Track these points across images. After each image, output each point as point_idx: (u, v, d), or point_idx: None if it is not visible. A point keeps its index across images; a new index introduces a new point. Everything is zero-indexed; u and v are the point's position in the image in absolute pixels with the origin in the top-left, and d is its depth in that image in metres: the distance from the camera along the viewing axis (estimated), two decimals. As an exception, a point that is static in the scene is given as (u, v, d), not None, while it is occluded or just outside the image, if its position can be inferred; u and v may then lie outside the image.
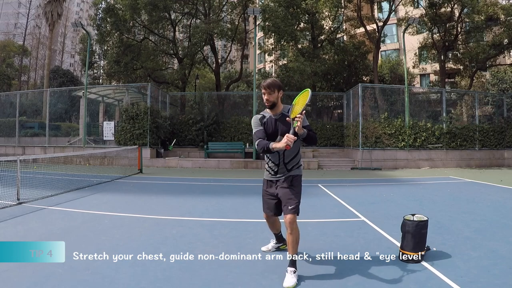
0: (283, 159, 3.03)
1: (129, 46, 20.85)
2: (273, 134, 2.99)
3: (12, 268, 3.07)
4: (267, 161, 3.13)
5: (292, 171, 3.06)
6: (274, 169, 3.07)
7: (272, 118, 3.03)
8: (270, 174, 3.13)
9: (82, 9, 63.70)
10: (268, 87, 2.97)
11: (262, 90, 3.02)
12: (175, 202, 6.77)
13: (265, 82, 2.99)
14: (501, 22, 19.04)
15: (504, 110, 16.84)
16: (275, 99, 3.00)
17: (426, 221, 3.42)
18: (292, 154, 3.04)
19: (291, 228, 2.90)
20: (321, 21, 21.53)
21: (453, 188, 8.81)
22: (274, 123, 3.00)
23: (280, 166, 3.04)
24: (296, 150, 3.06)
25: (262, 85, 2.99)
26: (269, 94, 2.98)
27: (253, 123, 3.09)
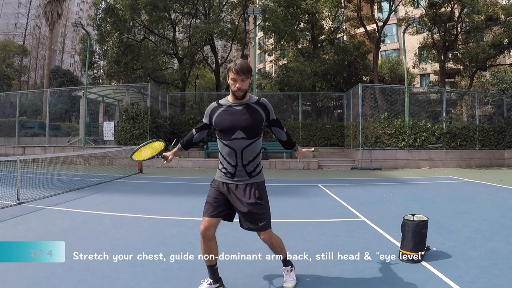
0: (241, 159, 2.45)
1: (129, 46, 20.86)
2: (228, 128, 2.41)
3: (12, 268, 3.07)
4: (221, 160, 2.57)
5: (254, 176, 2.51)
6: (231, 171, 2.50)
7: (232, 108, 2.43)
8: (225, 176, 2.54)
9: (82, 9, 63.72)
10: (242, 72, 2.31)
11: (231, 75, 2.34)
12: (175, 202, 6.77)
13: (237, 65, 2.32)
14: (501, 22, 19.04)
15: (504, 110, 16.84)
16: (248, 88, 2.40)
17: (426, 221, 3.41)
18: (252, 154, 2.47)
19: (271, 242, 2.62)
20: (321, 21, 21.54)
21: (453, 188, 8.81)
22: (232, 113, 2.41)
23: (238, 168, 2.47)
24: (257, 150, 2.50)
25: (233, 68, 2.32)
26: (242, 81, 2.34)
27: (205, 112, 2.61)
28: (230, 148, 2.45)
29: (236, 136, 2.41)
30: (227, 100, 2.49)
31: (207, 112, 2.56)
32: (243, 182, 2.49)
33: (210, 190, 2.62)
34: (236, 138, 2.41)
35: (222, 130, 2.44)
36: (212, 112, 2.52)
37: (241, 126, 2.39)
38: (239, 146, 2.42)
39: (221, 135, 2.48)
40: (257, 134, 2.46)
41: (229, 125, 2.40)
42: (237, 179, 2.50)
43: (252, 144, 2.45)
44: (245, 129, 2.39)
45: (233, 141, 2.42)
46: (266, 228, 2.53)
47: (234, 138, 2.41)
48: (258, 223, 2.49)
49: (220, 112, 2.46)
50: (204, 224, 2.50)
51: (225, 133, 2.43)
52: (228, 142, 2.44)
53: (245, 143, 2.42)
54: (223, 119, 2.43)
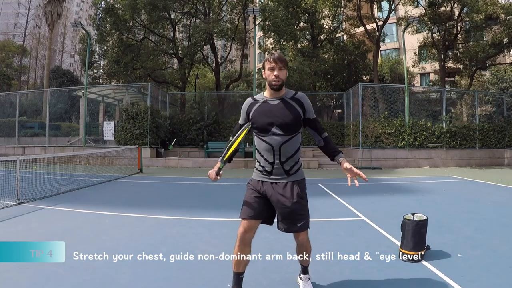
0: (279, 156, 2.34)
1: (129, 46, 20.85)
2: (265, 124, 2.34)
3: (12, 268, 3.07)
4: (258, 157, 2.45)
5: (293, 174, 2.40)
6: (268, 169, 2.39)
7: (267, 103, 2.37)
8: (262, 174, 2.43)
9: (81, 9, 63.67)
10: (280, 60, 2.30)
11: (267, 65, 2.32)
12: (175, 202, 6.78)
13: (274, 55, 2.31)
14: (500, 21, 19.03)
15: (504, 109, 16.83)
16: (285, 78, 2.36)
17: (425, 220, 3.42)
18: (290, 151, 2.37)
19: (305, 245, 2.55)
20: (321, 20, 21.54)
21: (453, 187, 8.81)
22: (269, 109, 2.35)
23: (275, 166, 2.36)
24: (296, 147, 2.39)
25: (270, 58, 2.31)
26: (280, 69, 2.31)
27: (242, 109, 2.49)
28: (268, 144, 2.35)
29: (273, 131, 2.33)
30: (263, 95, 2.45)
31: (244, 109, 2.47)
32: (282, 180, 2.38)
33: (247, 190, 2.49)
34: (274, 133, 2.33)
35: (259, 126, 2.36)
36: (249, 108, 2.43)
37: (277, 122, 2.32)
38: (277, 142, 2.32)
39: (258, 131, 2.39)
40: (295, 130, 2.37)
41: (266, 121, 2.33)
42: (274, 177, 2.39)
43: (290, 140, 2.35)
44: (282, 125, 2.32)
45: (270, 137, 2.34)
46: (305, 229, 2.44)
47: (272, 134, 2.33)
48: (297, 223, 2.39)
49: (257, 108, 2.39)
50: (243, 226, 2.40)
51: (262, 129, 2.36)
52: (266, 138, 2.36)
53: (282, 139, 2.33)
54: (260, 115, 2.36)
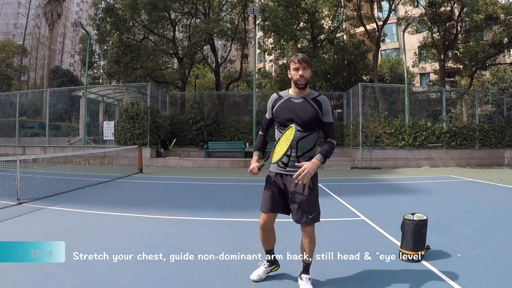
0: (296, 151, 2.53)
1: (129, 46, 20.84)
2: (286, 120, 2.53)
3: (12, 268, 3.07)
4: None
5: None
6: (284, 161, 2.56)
7: (290, 101, 2.55)
8: (279, 166, 2.61)
9: (81, 9, 63.67)
10: (304, 61, 2.48)
11: (292, 66, 2.50)
12: (175, 202, 6.78)
13: (298, 56, 2.50)
14: (500, 21, 19.03)
15: (504, 109, 16.83)
16: (309, 77, 2.53)
17: (425, 220, 3.42)
18: (307, 147, 2.55)
19: (311, 237, 2.63)
20: (321, 20, 21.53)
21: (453, 187, 8.81)
22: (292, 106, 2.53)
23: (292, 159, 2.54)
24: (312, 143, 2.57)
25: (295, 59, 2.49)
26: (304, 69, 2.48)
27: (268, 104, 2.71)
28: None
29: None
30: (287, 93, 2.62)
31: (269, 104, 2.67)
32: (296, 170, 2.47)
33: (266, 184, 2.69)
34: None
35: (280, 120, 2.56)
36: (273, 103, 2.63)
37: (297, 119, 2.48)
38: (295, 136, 2.43)
39: (279, 125, 2.59)
40: (313, 128, 2.54)
41: (287, 117, 2.52)
42: (290, 169, 2.56)
43: (308, 136, 2.54)
44: (301, 122, 2.48)
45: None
46: (315, 221, 2.59)
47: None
48: (309, 214, 2.54)
49: (281, 104, 2.58)
50: (262, 218, 2.65)
51: (283, 124, 2.53)
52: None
53: (300, 135, 2.50)
54: (283, 110, 2.55)
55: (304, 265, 2.73)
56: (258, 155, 2.75)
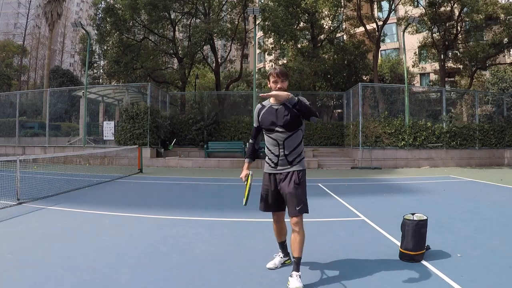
0: (283, 150, 2.85)
1: (129, 46, 20.85)
2: (270, 125, 2.88)
3: (12, 268, 3.08)
4: (267, 152, 2.97)
5: (295, 165, 2.86)
6: (274, 161, 2.89)
7: (272, 108, 2.91)
8: (270, 166, 2.93)
9: (81, 9, 63.72)
10: (282, 75, 2.89)
11: (272, 79, 2.90)
12: (175, 202, 6.78)
13: (276, 70, 2.90)
14: (500, 21, 19.03)
15: (504, 109, 16.83)
16: (286, 88, 2.91)
17: (425, 220, 3.42)
18: (293, 145, 2.86)
19: (298, 228, 2.77)
20: (321, 20, 21.53)
21: (453, 187, 8.81)
22: (274, 112, 2.87)
23: (281, 158, 2.86)
24: (297, 141, 2.89)
25: (273, 73, 2.88)
26: (282, 82, 2.88)
27: (254, 114, 3.08)
28: (273, 139, 2.87)
29: (277, 130, 2.84)
30: (269, 102, 2.98)
31: (255, 114, 3.04)
32: (286, 170, 2.85)
33: (262, 185, 3.02)
34: (277, 131, 2.84)
35: (266, 126, 2.91)
36: (258, 113, 3.00)
37: (279, 122, 2.83)
38: (281, 137, 2.83)
39: (265, 130, 2.94)
40: (295, 127, 2.85)
41: (270, 123, 2.87)
42: (280, 167, 2.87)
43: (292, 135, 2.85)
44: (283, 124, 2.82)
45: (275, 133, 2.85)
46: (302, 212, 2.78)
47: (276, 131, 2.85)
48: (295, 206, 2.76)
49: (264, 112, 2.95)
50: (273, 217, 3.07)
51: (268, 128, 2.89)
52: (272, 135, 2.87)
53: (285, 135, 2.84)
54: (266, 118, 2.91)
55: (294, 261, 2.79)
56: (249, 162, 3.09)
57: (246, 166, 3.07)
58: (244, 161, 3.10)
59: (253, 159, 3.12)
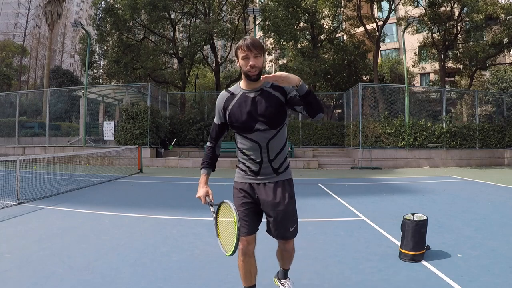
0: (267, 154, 2.08)
1: (129, 46, 20.86)
2: (247, 121, 2.04)
3: (12, 268, 3.08)
4: (241, 157, 2.17)
5: (282, 173, 2.16)
6: (254, 169, 2.12)
7: (246, 96, 2.06)
8: (247, 175, 2.16)
9: (81, 9, 63.72)
10: (254, 47, 1.94)
11: (241, 54, 1.97)
12: (175, 202, 6.78)
13: (247, 40, 1.96)
14: (500, 21, 19.04)
15: (504, 109, 16.83)
16: (262, 66, 2.04)
17: (425, 220, 3.42)
18: (278, 146, 2.10)
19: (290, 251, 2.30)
20: (321, 20, 21.54)
21: (453, 187, 8.81)
22: (250, 103, 2.03)
23: (264, 165, 2.10)
24: (283, 141, 2.13)
25: (243, 45, 1.95)
26: (255, 57, 1.96)
27: (216, 105, 2.17)
28: (254, 142, 2.07)
29: (258, 127, 2.03)
30: (239, 87, 2.11)
31: (219, 105, 2.15)
32: (270, 180, 2.13)
33: (235, 199, 2.19)
34: (259, 129, 2.04)
35: (240, 124, 2.06)
36: (225, 104, 2.11)
37: (261, 117, 2.02)
38: (263, 138, 2.05)
39: (240, 129, 2.09)
40: (281, 122, 2.07)
41: (248, 117, 2.03)
42: (261, 177, 2.13)
43: (277, 134, 2.07)
44: (266, 119, 2.02)
45: (255, 133, 2.05)
46: (295, 235, 2.22)
47: (256, 130, 2.04)
48: (289, 228, 2.16)
49: (234, 103, 2.08)
50: (242, 243, 2.11)
51: (245, 127, 2.06)
52: (251, 136, 2.06)
53: (269, 135, 2.05)
54: (239, 111, 2.05)
55: (283, 271, 2.50)
56: (208, 174, 2.21)
57: (204, 179, 2.18)
58: (201, 173, 2.20)
59: (213, 169, 2.25)
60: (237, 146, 2.19)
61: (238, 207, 2.12)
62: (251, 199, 2.16)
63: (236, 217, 1.82)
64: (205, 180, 2.19)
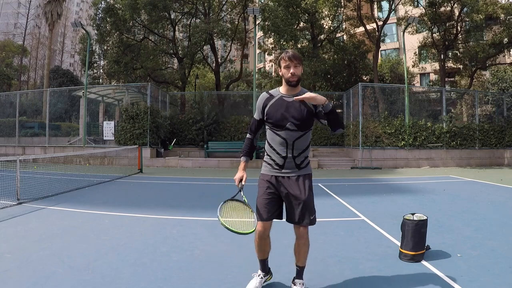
0: (292, 151, 2.44)
1: (129, 46, 20.85)
2: (280, 120, 2.41)
3: (12, 268, 3.08)
4: (270, 151, 2.51)
5: (303, 168, 2.49)
6: (279, 163, 2.47)
7: (283, 99, 2.45)
8: (272, 168, 2.50)
9: (81, 9, 63.73)
10: (295, 58, 2.38)
11: (283, 64, 2.42)
12: (175, 202, 6.77)
13: (288, 53, 2.41)
14: (500, 21, 19.03)
15: (504, 109, 16.84)
16: (300, 74, 2.45)
17: (425, 220, 3.42)
18: (302, 146, 2.46)
19: (306, 239, 2.52)
20: (321, 20, 21.53)
21: (453, 187, 8.81)
22: (285, 105, 2.42)
23: (288, 160, 2.45)
24: (307, 142, 2.49)
25: (285, 57, 2.40)
26: (295, 67, 2.39)
27: (257, 103, 2.59)
28: (282, 138, 2.44)
29: (288, 127, 2.41)
30: (278, 91, 2.52)
31: (259, 104, 2.55)
32: (293, 174, 2.47)
33: (260, 189, 2.56)
34: (288, 129, 2.41)
35: (274, 121, 2.44)
36: (264, 103, 2.52)
37: (292, 119, 2.40)
38: (291, 137, 2.42)
39: (272, 126, 2.47)
40: (308, 126, 2.45)
41: (281, 117, 2.41)
42: (286, 170, 2.47)
43: (303, 136, 2.45)
44: (296, 121, 2.40)
45: (285, 132, 2.42)
46: (314, 222, 2.50)
47: (286, 129, 2.42)
48: (310, 216, 2.46)
49: (272, 103, 2.48)
50: (260, 227, 2.51)
51: (277, 124, 2.44)
52: (281, 132, 2.44)
53: (296, 135, 2.43)
54: (276, 111, 2.44)
55: (298, 270, 2.63)
56: (246, 161, 2.64)
57: (243, 166, 2.61)
58: (240, 160, 2.63)
59: (251, 158, 2.66)
60: (267, 141, 2.55)
61: (262, 195, 2.52)
62: (274, 189, 2.50)
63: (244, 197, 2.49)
64: (243, 167, 2.61)
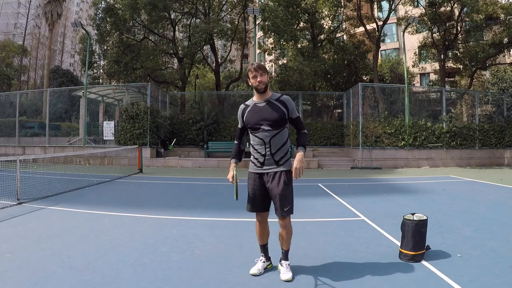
0: (270, 148, 2.80)
1: (129, 46, 20.85)
2: (256, 123, 2.81)
3: (12, 268, 3.08)
4: (253, 152, 2.91)
5: (282, 164, 2.82)
6: (260, 160, 2.83)
7: (256, 106, 2.86)
8: (255, 166, 2.88)
9: (81, 9, 63.73)
10: (260, 68, 2.80)
11: (251, 75, 2.82)
12: (175, 202, 6.78)
13: (254, 65, 2.83)
14: (500, 21, 19.03)
15: (504, 109, 16.83)
16: (267, 82, 2.86)
17: (425, 220, 3.42)
18: (279, 143, 2.82)
19: (287, 228, 2.87)
20: (321, 20, 21.52)
21: (453, 187, 8.81)
22: (258, 110, 2.82)
23: (267, 157, 2.81)
24: (283, 139, 2.85)
25: (251, 68, 2.81)
26: (262, 75, 2.80)
27: (238, 115, 3.01)
28: (259, 138, 2.81)
29: (263, 128, 2.79)
30: (252, 100, 2.93)
31: (239, 115, 2.96)
32: (272, 170, 2.82)
33: (248, 185, 2.95)
34: (263, 129, 2.79)
35: (251, 125, 2.84)
36: (242, 113, 2.93)
37: (266, 120, 2.78)
38: (266, 136, 2.78)
39: (251, 129, 2.87)
40: (281, 125, 2.82)
41: (256, 120, 2.81)
42: (266, 167, 2.83)
43: (278, 133, 2.81)
44: (269, 122, 2.77)
45: (261, 132, 2.80)
46: (289, 214, 2.82)
47: (261, 130, 2.79)
48: (284, 208, 2.78)
49: (248, 112, 2.88)
50: (257, 218, 2.99)
51: (254, 127, 2.83)
52: (257, 134, 2.82)
53: (271, 134, 2.79)
54: (251, 116, 2.85)
55: (284, 252, 2.97)
56: (235, 163, 3.01)
57: (232, 166, 2.98)
58: (230, 162, 3.01)
59: (240, 160, 3.05)
60: (250, 143, 2.92)
61: (250, 191, 2.92)
62: (259, 185, 2.87)
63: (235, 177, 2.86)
64: (232, 167, 2.94)
